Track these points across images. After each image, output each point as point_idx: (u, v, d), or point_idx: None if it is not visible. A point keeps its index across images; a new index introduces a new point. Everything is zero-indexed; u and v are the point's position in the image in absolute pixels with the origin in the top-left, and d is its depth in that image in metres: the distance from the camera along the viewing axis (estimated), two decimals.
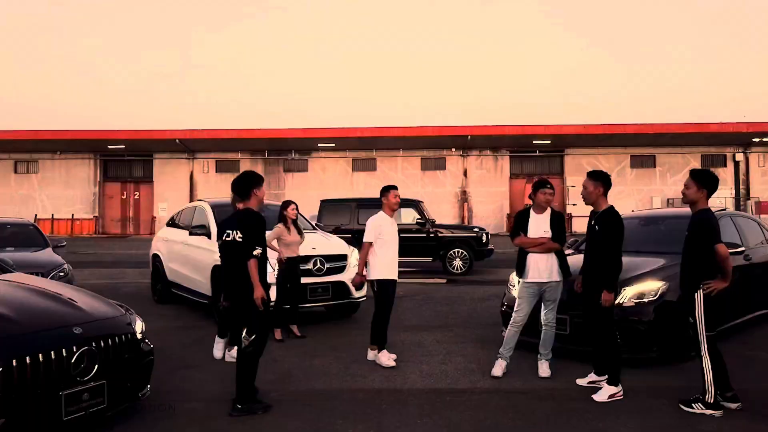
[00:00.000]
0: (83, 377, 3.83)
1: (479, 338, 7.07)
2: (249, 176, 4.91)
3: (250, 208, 4.74)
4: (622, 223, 5.12)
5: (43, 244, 9.95)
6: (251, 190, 4.77)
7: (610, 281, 4.96)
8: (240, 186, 4.84)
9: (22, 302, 4.10)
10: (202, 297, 8.44)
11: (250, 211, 4.72)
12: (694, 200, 4.77)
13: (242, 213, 4.74)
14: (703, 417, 4.42)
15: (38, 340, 3.69)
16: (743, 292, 7.14)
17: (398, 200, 6.35)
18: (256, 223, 4.63)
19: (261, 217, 4.73)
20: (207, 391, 5.18)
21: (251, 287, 4.52)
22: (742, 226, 7.65)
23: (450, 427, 4.30)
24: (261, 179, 4.95)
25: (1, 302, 3.99)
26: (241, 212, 4.79)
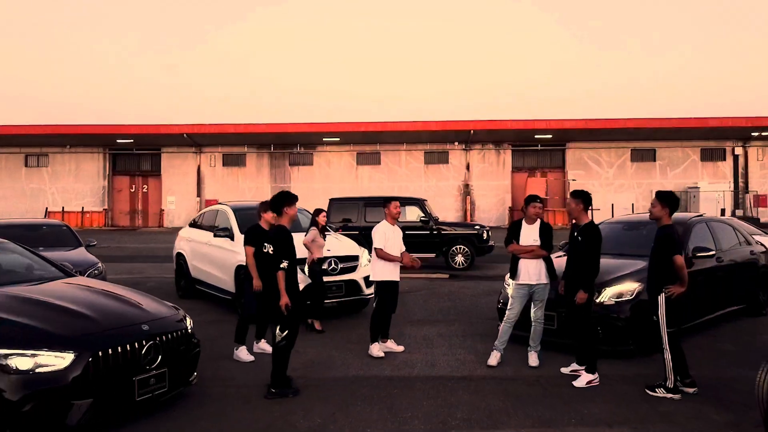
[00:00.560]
0: (150, 366, 4.70)
1: (478, 332, 7.94)
2: (282, 196, 5.71)
3: (282, 225, 5.56)
4: (601, 236, 5.96)
5: (76, 244, 10.80)
6: (282, 208, 5.56)
7: (588, 283, 5.81)
8: (274, 204, 5.65)
9: (96, 303, 4.97)
10: (226, 293, 9.32)
11: (282, 227, 5.54)
12: (658, 217, 5.60)
13: (275, 229, 5.56)
14: (663, 400, 5.28)
15: (116, 336, 4.56)
16: (715, 290, 8.00)
17: (399, 211, 7.23)
18: (284, 239, 5.45)
19: (289, 234, 5.53)
20: (241, 378, 6.05)
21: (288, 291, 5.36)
22: (716, 231, 8.49)
23: (450, 408, 5.16)
24: (293, 199, 5.71)
25: (81, 304, 4.86)
26: (273, 228, 5.60)
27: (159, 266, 16.47)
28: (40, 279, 5.61)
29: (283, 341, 5.40)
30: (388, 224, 7.05)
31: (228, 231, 9.39)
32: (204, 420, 4.88)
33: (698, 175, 37.16)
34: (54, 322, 4.46)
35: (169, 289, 11.73)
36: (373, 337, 6.93)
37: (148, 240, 26.85)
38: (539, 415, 4.96)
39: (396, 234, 7.06)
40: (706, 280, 7.73)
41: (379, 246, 6.90)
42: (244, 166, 38.02)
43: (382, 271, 6.84)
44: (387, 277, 6.85)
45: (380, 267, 6.86)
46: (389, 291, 6.90)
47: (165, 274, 14.76)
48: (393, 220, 7.13)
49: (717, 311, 8.10)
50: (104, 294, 5.33)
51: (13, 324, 4.33)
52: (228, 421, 4.85)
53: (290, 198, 5.70)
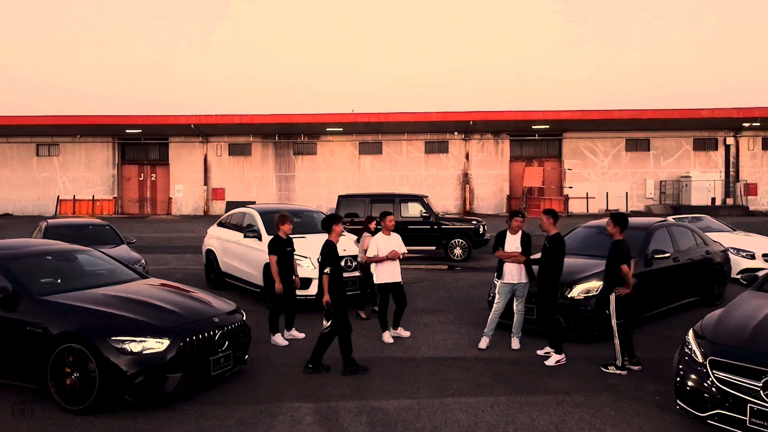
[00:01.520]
0: (220, 349, 6.27)
1: (471, 320, 9.53)
2: (332, 217, 7.35)
3: (330, 240, 7.13)
4: (564, 244, 7.51)
5: (118, 241, 12.34)
6: (331, 226, 7.15)
7: (555, 281, 7.39)
8: (325, 223, 7.24)
9: (178, 301, 6.52)
10: (254, 286, 10.89)
11: (330, 242, 7.11)
12: (611, 234, 7.13)
13: (325, 243, 7.11)
14: (613, 375, 6.86)
15: (198, 326, 6.11)
16: (672, 285, 9.57)
17: (393, 224, 8.75)
18: (328, 251, 7.01)
19: (335, 248, 7.10)
20: (280, 358, 7.62)
21: (340, 295, 6.93)
22: (675, 235, 10.03)
23: (448, 381, 6.74)
24: (339, 219, 7.37)
25: (167, 301, 6.41)
26: (326, 242, 7.14)
27: (179, 257, 18.01)
28: (124, 280, 7.15)
29: (327, 329, 6.95)
30: (383, 235, 8.56)
31: (256, 232, 10.94)
32: (258, 389, 6.46)
33: (691, 164, 38.64)
34: (153, 316, 6.01)
35: (197, 280, 13.25)
36: (383, 327, 8.50)
37: (160, 229, 28.33)
38: (515, 387, 6.54)
39: (392, 241, 8.56)
40: (664, 277, 9.30)
41: (370, 255, 8.46)
42: (249, 155, 39.46)
43: (383, 274, 8.40)
44: (387, 280, 8.40)
45: (380, 271, 8.41)
46: (393, 291, 8.44)
47: (187, 265, 16.32)
48: (388, 231, 8.64)
49: (674, 302, 9.68)
50: (180, 292, 6.90)
51: (125, 318, 5.88)
52: (276, 390, 6.43)
53: (337, 219, 7.34)
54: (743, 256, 12.76)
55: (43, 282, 6.51)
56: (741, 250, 12.84)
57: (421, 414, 5.76)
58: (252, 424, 5.53)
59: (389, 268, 8.43)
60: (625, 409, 5.88)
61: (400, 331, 8.64)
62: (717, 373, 5.02)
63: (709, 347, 5.22)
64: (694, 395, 5.17)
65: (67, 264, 7.09)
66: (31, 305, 6.09)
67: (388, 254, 8.39)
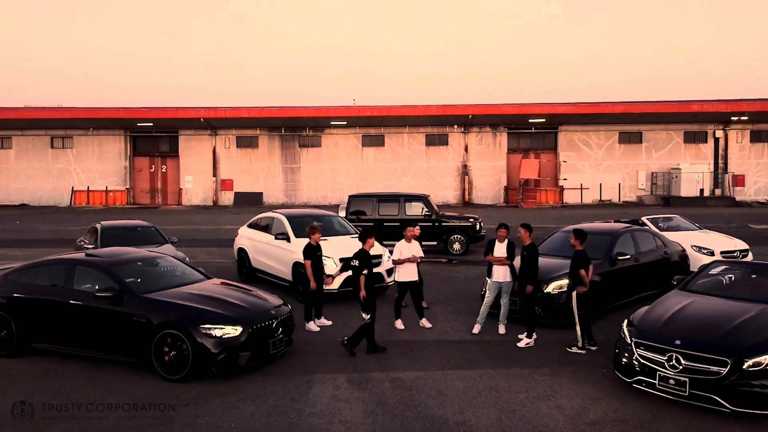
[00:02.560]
0: (276, 334, 8.41)
1: (467, 310, 11.67)
2: (367, 231, 9.45)
3: (365, 249, 9.22)
4: (537, 252, 9.64)
5: (163, 241, 14.42)
6: (366, 238, 9.26)
7: (533, 280, 9.53)
8: (361, 236, 9.35)
9: (242, 297, 8.65)
10: (283, 281, 13.02)
11: (364, 250, 9.20)
12: (573, 245, 9.24)
13: (360, 251, 9.20)
14: (575, 354, 9.01)
15: (261, 317, 8.25)
16: (632, 282, 11.69)
17: (412, 233, 10.75)
18: (364, 257, 9.11)
19: (369, 255, 9.19)
20: (316, 341, 9.75)
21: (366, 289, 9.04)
22: (638, 239, 12.15)
23: (448, 358, 8.89)
24: (373, 233, 9.43)
25: (234, 297, 8.54)
26: (359, 250, 9.22)
27: (205, 251, 20.13)
28: (195, 280, 9.26)
29: (368, 320, 9.05)
30: (405, 242, 10.64)
31: (285, 235, 13.06)
32: (304, 364, 8.60)
33: (681, 156, 40.71)
34: (229, 309, 8.14)
35: (229, 274, 15.35)
36: (397, 316, 10.63)
37: (177, 220, 30.35)
38: (499, 362, 8.70)
39: (412, 248, 10.63)
40: (627, 274, 11.44)
41: (395, 258, 10.54)
42: (256, 147, 41.47)
43: (403, 274, 10.50)
44: (406, 278, 10.51)
45: (401, 271, 10.51)
46: (411, 287, 10.55)
47: (215, 259, 18.45)
48: (409, 239, 10.70)
49: (636, 295, 11.80)
50: (242, 290, 9.05)
51: (209, 311, 8.00)
52: (318, 365, 8.57)
53: (371, 233, 9.42)
54: (704, 253, 14.87)
55: (139, 282, 8.63)
56: (702, 247, 14.97)
57: (429, 382, 7.92)
58: (304, 388, 7.69)
59: (408, 269, 10.50)
60: (579, 378, 8.04)
61: (423, 322, 10.67)
62: (639, 351, 7.17)
63: (635, 332, 7.37)
64: (624, 367, 7.33)
65: (152, 268, 9.22)
66: (134, 301, 8.22)
67: (408, 258, 10.46)
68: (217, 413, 6.91)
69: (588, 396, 7.40)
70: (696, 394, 6.64)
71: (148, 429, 6.53)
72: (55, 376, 8.22)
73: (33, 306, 8.82)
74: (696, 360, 6.69)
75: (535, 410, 6.97)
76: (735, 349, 6.59)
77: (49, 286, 8.86)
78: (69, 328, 8.58)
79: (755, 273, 8.44)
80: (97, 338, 8.41)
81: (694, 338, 6.89)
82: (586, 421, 6.69)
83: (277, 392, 7.57)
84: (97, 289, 8.32)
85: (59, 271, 8.92)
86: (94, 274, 8.64)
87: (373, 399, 7.34)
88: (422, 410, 6.99)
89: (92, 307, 8.34)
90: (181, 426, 6.59)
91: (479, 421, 6.67)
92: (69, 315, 8.53)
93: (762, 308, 7.26)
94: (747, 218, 30.98)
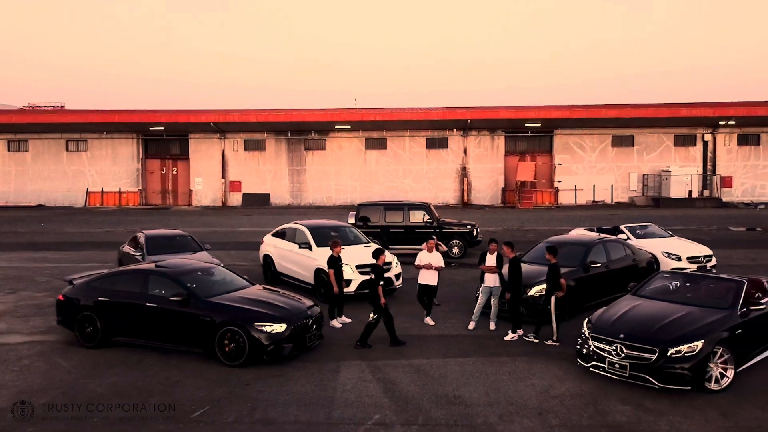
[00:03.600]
0: (311, 330, 10.76)
1: (464, 309, 14.01)
2: (378, 251, 11.73)
3: (378, 264, 11.54)
4: (520, 265, 11.97)
5: (198, 248, 16.73)
6: (379, 256, 11.58)
7: (517, 287, 11.88)
8: (374, 254, 11.68)
9: (283, 300, 10.98)
10: (306, 284, 15.35)
11: (378, 265, 11.52)
12: (548, 258, 11.58)
13: (374, 266, 11.52)
14: (550, 345, 11.35)
15: (299, 316, 10.59)
16: (603, 285, 14.01)
17: (431, 245, 13.05)
18: (378, 271, 11.43)
19: (382, 268, 11.52)
20: (339, 336, 12.08)
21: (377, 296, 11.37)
22: (609, 248, 14.49)
23: (448, 348, 11.23)
24: (383, 252, 11.73)
25: (277, 300, 10.88)
26: (374, 266, 11.54)
27: (227, 254, 22.40)
28: (243, 286, 11.58)
29: (373, 321, 11.37)
30: (426, 252, 12.96)
31: (308, 244, 15.39)
32: (333, 354, 10.93)
33: (671, 158, 43.06)
34: (275, 310, 10.47)
35: (255, 276, 17.67)
36: (427, 312, 12.95)
37: (192, 222, 32.61)
38: (489, 352, 11.05)
39: (432, 257, 12.93)
40: (598, 279, 13.77)
41: (416, 263, 12.86)
42: (264, 150, 43.76)
43: (423, 278, 12.81)
44: (424, 281, 12.84)
45: (423, 275, 12.83)
46: (428, 290, 12.87)
47: (238, 261, 20.75)
48: (430, 250, 13.00)
49: (607, 296, 14.08)
50: (282, 294, 11.39)
51: (260, 312, 10.33)
52: (344, 354, 10.90)
53: (383, 251, 11.76)
54: (672, 258, 17.23)
55: (201, 288, 10.96)
56: (671, 253, 17.33)
57: (432, 367, 10.26)
58: (336, 371, 10.02)
59: (428, 275, 12.83)
60: (551, 364, 10.38)
61: (428, 320, 13.00)
62: (594, 343, 9.51)
63: (592, 329, 9.71)
64: (584, 355, 9.67)
65: (209, 276, 11.55)
66: (199, 304, 10.54)
67: (425, 265, 12.80)
68: (273, 390, 9.25)
69: (555, 377, 9.75)
70: (634, 374, 8.99)
71: (227, 399, 8.86)
72: (137, 363, 10.54)
73: (114, 307, 11.14)
74: (634, 349, 9.04)
75: (514, 387, 9.32)
76: (662, 341, 8.94)
77: (127, 291, 11.18)
78: (145, 325, 10.92)
79: (689, 282, 10.79)
80: (169, 333, 10.74)
81: (634, 333, 9.24)
82: (552, 395, 9.03)
83: (315, 375, 9.90)
84: (171, 294, 10.64)
85: (136, 279, 11.25)
86: (165, 281, 10.97)
87: (390, 380, 9.68)
88: (428, 388, 9.33)
89: (165, 309, 10.68)
90: (249, 398, 8.92)
91: (471, 396, 9.02)
92: (145, 314, 10.86)
93: (688, 310, 9.60)
94: (730, 220, 33.36)
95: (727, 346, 9.05)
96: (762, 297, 10.27)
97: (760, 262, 20.58)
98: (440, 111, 41.72)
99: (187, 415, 8.32)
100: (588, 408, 8.54)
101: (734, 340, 9.18)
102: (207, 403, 8.77)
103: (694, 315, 9.44)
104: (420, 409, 8.53)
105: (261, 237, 18.52)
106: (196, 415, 8.33)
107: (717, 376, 8.95)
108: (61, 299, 11.66)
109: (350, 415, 8.33)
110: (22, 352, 11.15)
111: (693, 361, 8.74)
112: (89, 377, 9.80)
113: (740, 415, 8.31)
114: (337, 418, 8.25)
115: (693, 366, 8.73)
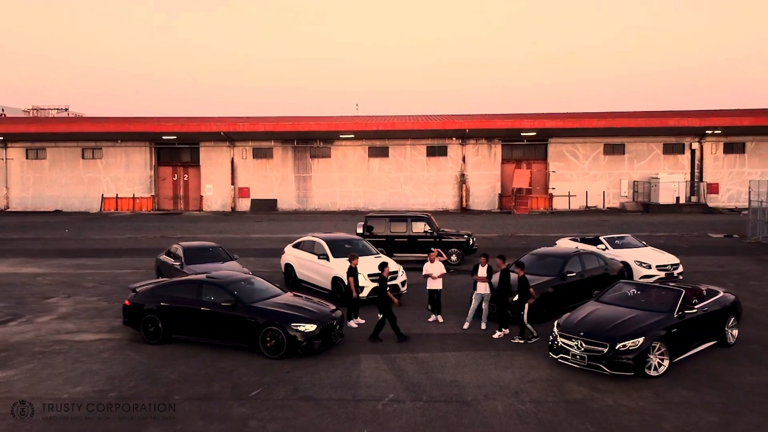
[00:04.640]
0: (335, 329, 13.51)
1: (460, 312, 16.75)
2: (383, 264, 14.48)
3: (383, 275, 14.28)
4: (509, 275, 14.71)
5: (228, 258, 19.45)
6: (383, 269, 14.33)
7: (506, 294, 14.62)
8: (380, 267, 14.41)
9: (312, 305, 13.71)
10: (324, 290, 18.09)
11: (383, 276, 14.26)
12: (518, 273, 14.32)
13: (380, 276, 14.27)
14: (527, 344, 14.10)
15: (326, 318, 13.33)
16: (578, 291, 16.74)
17: (433, 256, 15.82)
18: (383, 280, 14.18)
19: (386, 278, 14.26)
20: (356, 334, 14.80)
21: (388, 300, 14.10)
22: (584, 260, 17.25)
23: (446, 344, 13.97)
24: (387, 265, 14.48)
25: (307, 304, 13.62)
26: (380, 276, 14.29)
27: (247, 261, 25.11)
28: (277, 294, 14.29)
29: (380, 320, 14.12)
30: (430, 262, 15.72)
31: (326, 255, 18.13)
32: (352, 349, 13.65)
33: (661, 166, 45.84)
34: (307, 313, 13.20)
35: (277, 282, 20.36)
36: (437, 312, 15.72)
37: (206, 228, 35.26)
38: (480, 347, 13.79)
39: (435, 266, 15.69)
40: (574, 287, 16.51)
41: (423, 272, 15.63)
42: (271, 158, 46.50)
43: (430, 284, 15.58)
44: (430, 287, 15.62)
45: (429, 281, 15.59)
46: (435, 293, 15.63)
47: (258, 268, 23.46)
48: (431, 260, 15.76)
49: (582, 301, 16.82)
50: (311, 300, 14.14)
51: (295, 315, 13.07)
52: (361, 349, 13.63)
53: (387, 265, 14.50)
54: (644, 266, 19.98)
55: (246, 295, 13.67)
56: (642, 262, 20.07)
57: (434, 359, 13.00)
58: (355, 362, 12.75)
59: (434, 282, 15.60)
60: (530, 356, 13.12)
61: (438, 318, 15.78)
62: (561, 339, 12.25)
63: (560, 328, 12.46)
64: (554, 349, 12.42)
65: (250, 285, 14.27)
66: (245, 308, 13.27)
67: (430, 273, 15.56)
68: (308, 376, 11.98)
69: (531, 366, 12.51)
70: (591, 364, 11.73)
71: (274, 383, 11.57)
72: (194, 356, 13.26)
73: (174, 311, 13.85)
74: (591, 344, 11.78)
75: (498, 374, 12.07)
76: (612, 337, 11.68)
77: (184, 297, 13.90)
78: (199, 325, 13.63)
79: (640, 290, 13.54)
80: (219, 332, 13.47)
81: (592, 331, 11.98)
82: (527, 380, 11.78)
83: (340, 365, 12.64)
84: (222, 300, 13.36)
85: (191, 288, 13.99)
86: (216, 290, 13.70)
87: (400, 368, 12.43)
88: (430, 375, 12.07)
89: (216, 312, 13.40)
90: (291, 382, 11.64)
91: (464, 380, 11.76)
92: (199, 317, 13.58)
93: (636, 313, 12.34)
94: (712, 227, 36.09)
95: (663, 342, 11.80)
96: (699, 302, 13.01)
97: (727, 268, 23.32)
98: (440, 120, 44.44)
99: (247, 394, 11.06)
100: (554, 389, 11.29)
101: (670, 338, 11.92)
102: (259, 386, 11.50)
103: (639, 317, 12.19)
104: (424, 390, 11.27)
105: (274, 244, 21.37)
106: (253, 394, 11.07)
107: (655, 365, 11.70)
108: (127, 304, 14.38)
109: (371, 394, 11.07)
110: (99, 347, 13.88)
111: (636, 353, 11.48)
112: (162, 367, 12.54)
113: (669, 393, 11.06)
114: (361, 396, 10.99)
115: (636, 357, 11.47)
